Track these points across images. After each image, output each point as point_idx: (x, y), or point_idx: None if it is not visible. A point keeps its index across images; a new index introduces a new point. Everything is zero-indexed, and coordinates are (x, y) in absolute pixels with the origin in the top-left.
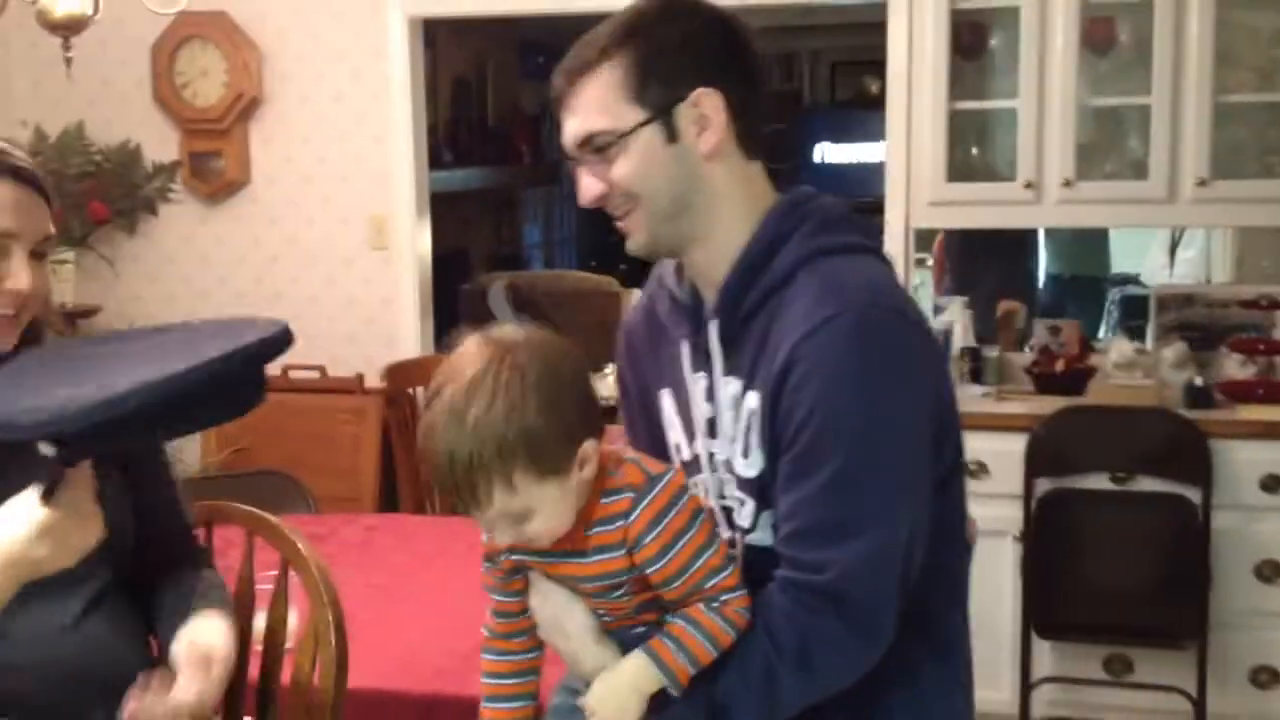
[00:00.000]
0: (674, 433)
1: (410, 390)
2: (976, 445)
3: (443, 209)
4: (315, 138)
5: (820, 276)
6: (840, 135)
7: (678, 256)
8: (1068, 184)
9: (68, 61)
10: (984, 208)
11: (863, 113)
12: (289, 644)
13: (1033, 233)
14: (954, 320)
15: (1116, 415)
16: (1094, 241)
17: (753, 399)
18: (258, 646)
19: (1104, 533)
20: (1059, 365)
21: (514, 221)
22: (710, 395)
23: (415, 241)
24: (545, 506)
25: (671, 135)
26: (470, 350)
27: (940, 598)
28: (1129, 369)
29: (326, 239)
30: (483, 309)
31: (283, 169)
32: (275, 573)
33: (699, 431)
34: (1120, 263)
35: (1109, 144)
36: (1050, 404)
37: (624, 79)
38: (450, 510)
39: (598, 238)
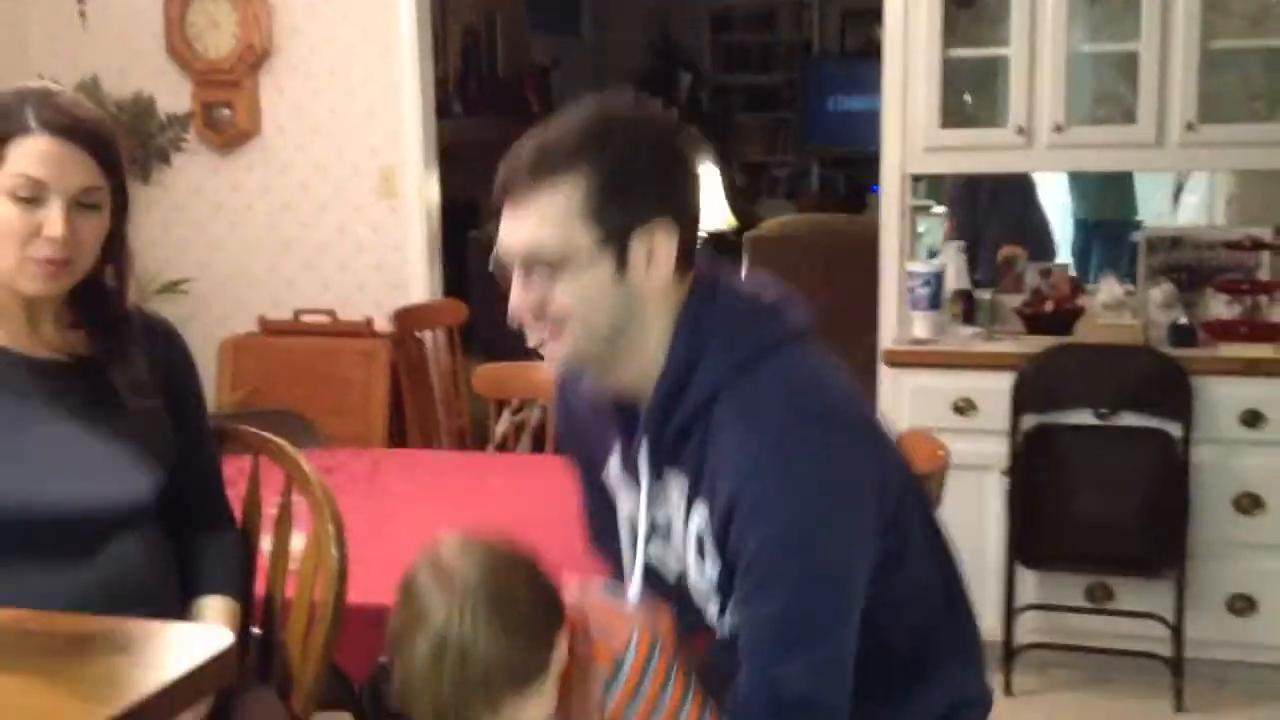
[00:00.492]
0: (625, 498)
1: (418, 334)
2: (966, 383)
3: (453, 159)
4: (325, 88)
5: (743, 400)
6: (850, 84)
7: (593, 375)
8: (1058, 129)
9: (82, 15)
10: (977, 153)
11: (873, 62)
12: (293, 562)
13: (1033, 180)
14: (948, 263)
15: (1102, 353)
16: (1120, 187)
17: (701, 511)
18: (265, 563)
19: (1088, 466)
20: (1048, 306)
21: None
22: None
23: (424, 190)
24: (530, 708)
25: (621, 265)
26: (426, 592)
27: (915, 637)
28: (1117, 309)
29: (337, 187)
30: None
31: (293, 119)
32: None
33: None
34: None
35: (1099, 89)
36: (1039, 344)
37: (585, 199)
38: (456, 447)
39: None
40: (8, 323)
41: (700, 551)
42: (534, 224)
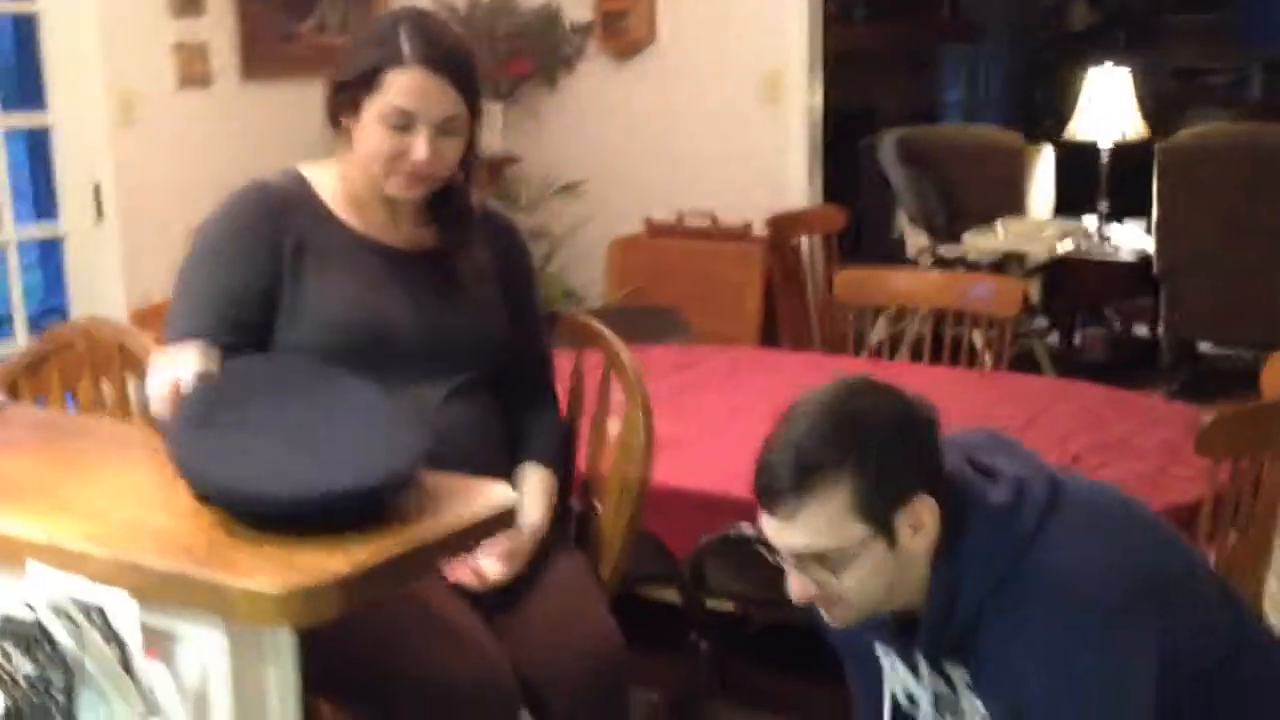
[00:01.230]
0: (894, 675)
1: (794, 240)
2: None
3: (853, 65)
4: None
5: (1013, 611)
6: None
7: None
8: None
9: None
10: None
11: None
12: (611, 439)
13: None
14: None
15: None
16: None
17: (980, 706)
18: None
19: None
20: None
21: (930, 80)
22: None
23: (809, 96)
24: None
25: (892, 543)
26: None
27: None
28: None
29: (724, 92)
30: (874, 163)
31: (686, 26)
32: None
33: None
34: None
35: None
36: None
37: (850, 500)
38: (828, 353)
39: (1024, 98)
40: (375, 217)
41: None
42: (805, 532)
